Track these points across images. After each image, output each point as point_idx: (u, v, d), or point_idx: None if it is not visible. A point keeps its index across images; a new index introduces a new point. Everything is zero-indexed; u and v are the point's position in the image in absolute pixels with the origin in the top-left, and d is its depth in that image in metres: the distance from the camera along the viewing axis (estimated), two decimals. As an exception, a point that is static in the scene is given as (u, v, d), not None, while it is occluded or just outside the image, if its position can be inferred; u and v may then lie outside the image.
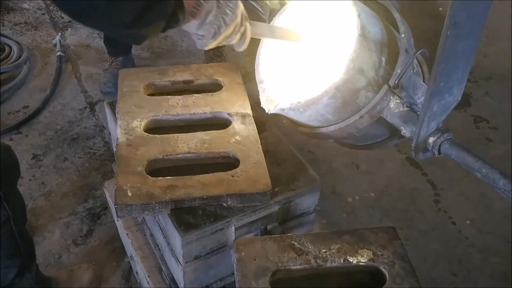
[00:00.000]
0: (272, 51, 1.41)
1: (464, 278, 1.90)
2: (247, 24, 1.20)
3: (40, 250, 1.83)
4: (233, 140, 1.34)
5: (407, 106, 1.43)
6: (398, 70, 1.36)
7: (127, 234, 1.54)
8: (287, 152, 1.41)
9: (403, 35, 1.39)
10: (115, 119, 1.44)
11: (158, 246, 1.41)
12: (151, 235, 1.44)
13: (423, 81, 1.46)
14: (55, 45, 2.94)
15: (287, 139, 1.46)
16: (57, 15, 3.26)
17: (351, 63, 1.31)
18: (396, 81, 1.35)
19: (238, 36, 1.20)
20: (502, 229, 2.09)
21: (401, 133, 1.52)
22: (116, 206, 1.15)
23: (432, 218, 2.14)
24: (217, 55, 2.81)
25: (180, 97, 1.47)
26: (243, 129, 1.37)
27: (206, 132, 1.36)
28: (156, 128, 1.40)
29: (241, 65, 1.61)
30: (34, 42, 3.05)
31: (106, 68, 2.71)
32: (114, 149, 1.33)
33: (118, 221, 1.67)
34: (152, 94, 1.52)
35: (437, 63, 1.08)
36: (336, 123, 1.50)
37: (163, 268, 1.39)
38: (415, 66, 1.43)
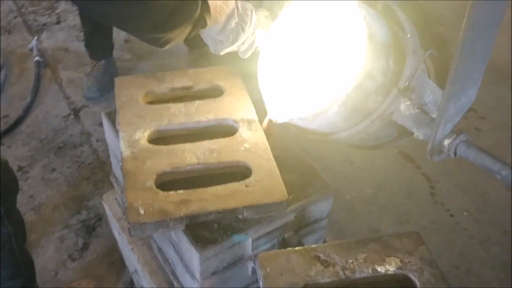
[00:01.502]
0: (275, 57, 1.37)
1: (467, 271, 1.91)
2: (257, 33, 1.20)
3: (35, 268, 1.76)
4: (242, 148, 1.29)
5: (417, 108, 1.41)
6: (407, 72, 1.34)
7: (132, 249, 1.48)
8: (297, 158, 1.38)
9: (409, 35, 1.37)
10: (115, 130, 1.37)
11: (168, 260, 1.36)
12: (159, 249, 1.39)
13: (429, 77, 1.45)
14: (32, 49, 2.83)
15: (294, 144, 1.43)
16: (30, 18, 3.13)
17: (361, 69, 1.29)
18: (406, 84, 1.33)
19: (247, 44, 1.21)
20: (498, 219, 2.11)
21: (414, 136, 1.50)
22: (129, 226, 1.10)
23: (430, 212, 2.15)
24: (202, 54, 2.75)
25: (181, 104, 1.41)
26: (250, 136, 1.33)
27: (213, 140, 1.31)
28: (160, 138, 1.35)
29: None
30: (8, 47, 2.93)
31: (88, 72, 2.62)
32: (120, 164, 1.27)
33: (120, 235, 1.60)
34: (151, 102, 1.45)
35: (455, 66, 1.06)
36: (347, 129, 1.47)
37: (174, 283, 1.34)
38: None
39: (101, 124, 1.85)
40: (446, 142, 1.31)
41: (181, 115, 1.38)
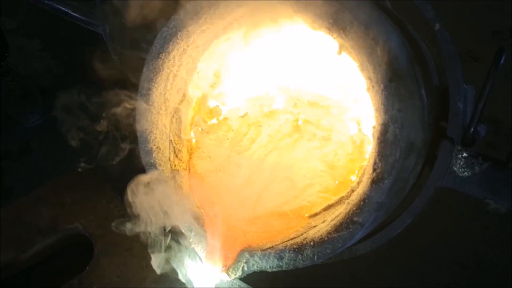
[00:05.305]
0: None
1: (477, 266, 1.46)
2: None
3: None
4: None
5: (482, 159, 0.87)
6: (457, 103, 0.81)
7: None
8: None
9: (437, 25, 0.83)
10: None
11: None
12: None
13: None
14: None
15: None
16: None
17: (396, 148, 0.74)
18: (472, 130, 0.80)
19: None
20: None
21: (490, 209, 0.98)
22: None
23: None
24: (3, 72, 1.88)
25: None
26: None
27: None
28: None
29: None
30: None
31: None
32: None
33: None
34: None
35: None
36: (372, 236, 0.98)
37: None
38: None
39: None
40: None
41: None
